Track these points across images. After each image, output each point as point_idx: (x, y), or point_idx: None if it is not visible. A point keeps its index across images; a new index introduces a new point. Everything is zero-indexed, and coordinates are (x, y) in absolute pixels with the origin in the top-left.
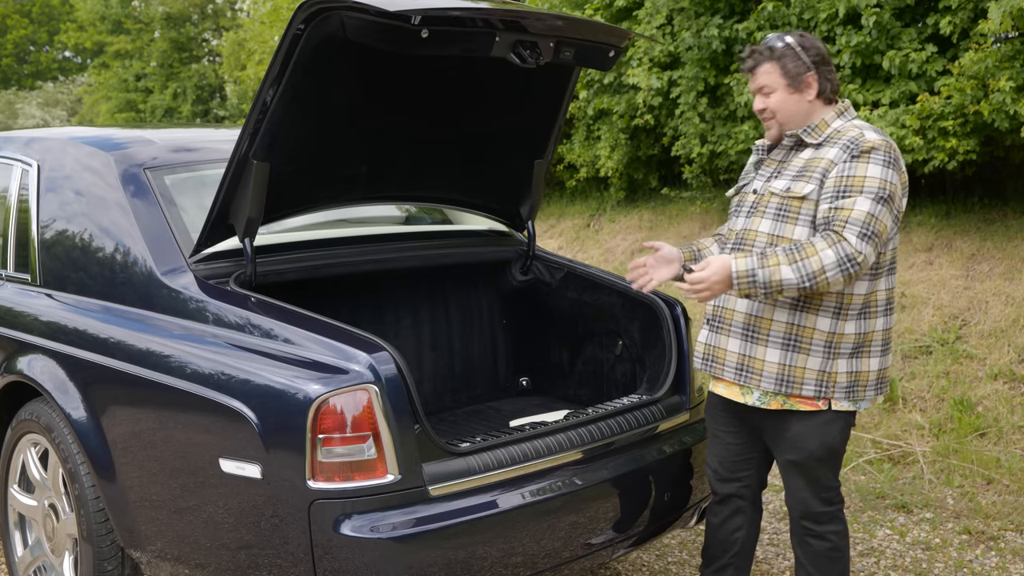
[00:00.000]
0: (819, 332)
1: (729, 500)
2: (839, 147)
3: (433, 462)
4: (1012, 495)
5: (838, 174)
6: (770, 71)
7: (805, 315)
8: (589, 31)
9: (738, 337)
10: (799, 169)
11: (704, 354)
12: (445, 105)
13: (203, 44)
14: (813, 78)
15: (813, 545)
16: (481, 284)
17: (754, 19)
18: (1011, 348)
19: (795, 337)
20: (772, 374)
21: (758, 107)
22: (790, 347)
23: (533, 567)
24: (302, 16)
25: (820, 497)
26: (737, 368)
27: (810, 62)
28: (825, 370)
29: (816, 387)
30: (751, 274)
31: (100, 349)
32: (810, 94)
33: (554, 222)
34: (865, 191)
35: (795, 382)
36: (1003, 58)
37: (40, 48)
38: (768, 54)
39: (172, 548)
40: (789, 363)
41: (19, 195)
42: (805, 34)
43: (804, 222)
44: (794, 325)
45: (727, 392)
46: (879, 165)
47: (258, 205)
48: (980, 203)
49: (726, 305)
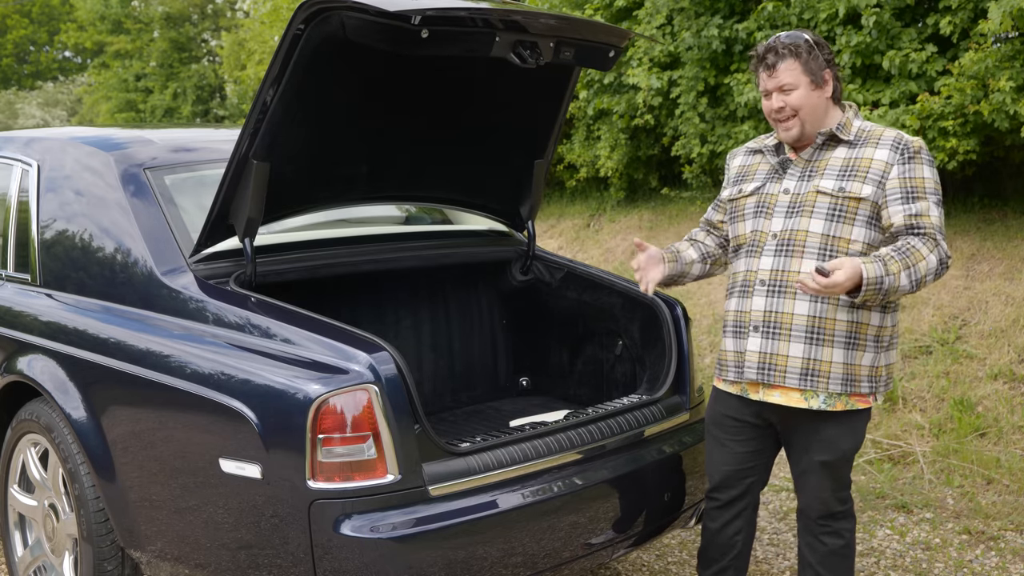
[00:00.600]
0: (872, 327)
1: (732, 504)
2: (887, 148)
3: (433, 462)
4: (1012, 495)
5: (900, 175)
6: (792, 68)
7: (861, 312)
8: (589, 31)
9: (801, 341)
10: (842, 168)
11: (760, 363)
12: (445, 105)
13: (203, 44)
14: (831, 76)
15: (827, 543)
16: (481, 284)
17: (754, 19)
18: (1011, 348)
19: (855, 335)
20: (839, 375)
21: (777, 106)
22: (851, 345)
23: (533, 567)
24: (302, 16)
25: (839, 496)
26: (802, 373)
27: (825, 61)
28: (875, 365)
29: (870, 383)
30: (879, 281)
31: (100, 349)
32: (828, 91)
33: (554, 222)
34: (929, 194)
35: (856, 380)
36: (1003, 58)
37: (40, 48)
38: (791, 51)
39: (172, 548)
40: (851, 362)
41: (19, 195)
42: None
43: (861, 222)
44: (854, 323)
45: (784, 399)
46: (928, 166)
47: (258, 205)
48: (980, 203)
49: (781, 310)
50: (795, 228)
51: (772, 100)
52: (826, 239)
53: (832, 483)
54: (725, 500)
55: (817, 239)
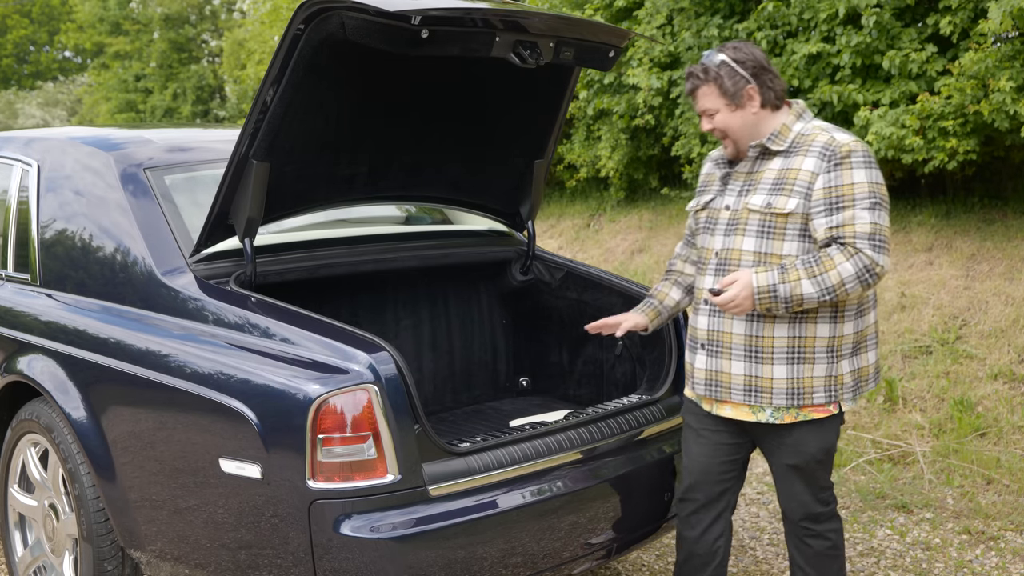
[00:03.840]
0: (820, 339)
1: (711, 506)
2: (815, 155)
3: (433, 462)
4: (1012, 495)
5: (824, 185)
6: (708, 93)
7: (804, 325)
8: (589, 31)
9: (741, 359)
10: (774, 181)
11: (706, 380)
12: (445, 105)
13: (203, 45)
14: (754, 90)
15: (813, 545)
16: (481, 284)
17: (754, 19)
18: (1011, 348)
19: (799, 349)
20: (782, 390)
21: (706, 128)
22: (795, 360)
23: (533, 567)
24: (302, 16)
25: (818, 498)
26: (745, 389)
27: (748, 74)
28: (832, 375)
29: (826, 393)
30: (772, 289)
31: (100, 349)
32: (754, 106)
33: (554, 222)
34: (858, 201)
35: (805, 393)
36: (1003, 58)
37: (40, 48)
38: (703, 76)
39: (172, 548)
40: (797, 376)
41: (19, 195)
42: (740, 45)
43: (792, 237)
44: (795, 338)
45: (735, 413)
46: (862, 168)
47: (258, 205)
48: (980, 203)
49: (722, 328)
50: (731, 247)
51: (703, 123)
52: (759, 256)
53: (806, 486)
54: (704, 501)
55: (751, 257)
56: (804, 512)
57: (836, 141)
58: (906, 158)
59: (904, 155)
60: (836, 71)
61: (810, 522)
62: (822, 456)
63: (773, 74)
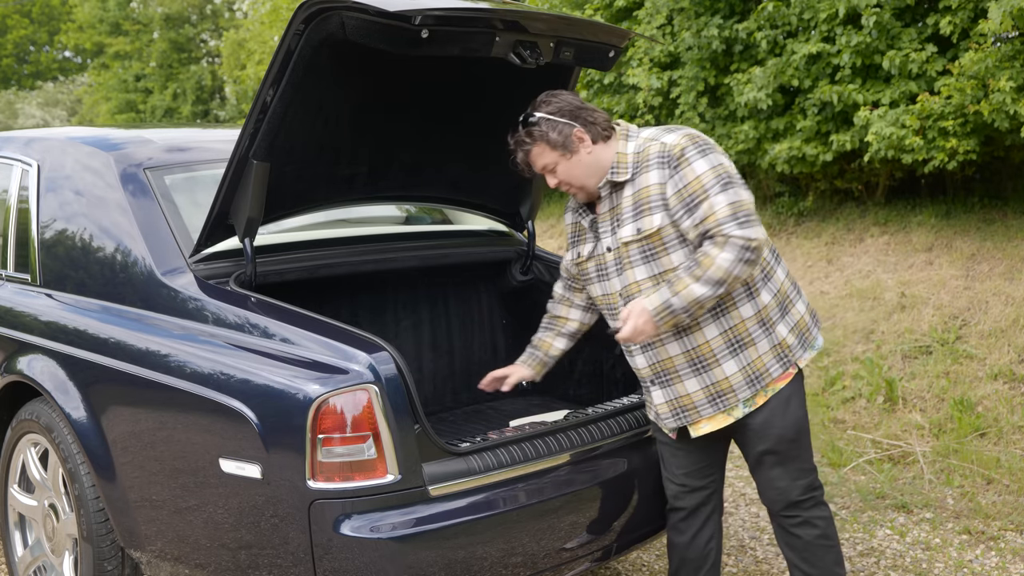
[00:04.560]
0: (748, 320)
1: (699, 510)
2: (655, 166)
3: (433, 462)
4: (1012, 495)
5: (674, 190)
6: (541, 152)
7: (728, 315)
8: (589, 31)
9: (691, 376)
10: (633, 207)
11: (672, 411)
12: (445, 105)
13: (202, 45)
14: (582, 129)
15: (801, 535)
16: (481, 284)
17: (754, 19)
18: (1011, 348)
19: (736, 339)
20: (741, 382)
21: (553, 185)
22: (738, 349)
23: (533, 567)
24: (302, 16)
25: (799, 484)
26: (710, 400)
27: (569, 120)
28: (775, 343)
29: (779, 363)
30: (667, 305)
31: (100, 349)
32: (587, 147)
33: (554, 222)
34: (709, 189)
35: (762, 373)
36: (1003, 58)
37: (40, 48)
38: (529, 140)
39: (172, 548)
40: (748, 362)
41: (19, 195)
42: (551, 97)
43: (674, 248)
44: (727, 330)
45: (712, 425)
46: (699, 159)
47: (258, 205)
48: (980, 203)
49: (660, 358)
50: (629, 282)
51: (548, 180)
52: (655, 279)
53: (783, 470)
54: (691, 507)
55: (649, 283)
56: (785, 500)
57: (667, 145)
58: (906, 158)
59: (904, 155)
60: (836, 71)
61: (794, 509)
62: (792, 433)
63: (590, 110)
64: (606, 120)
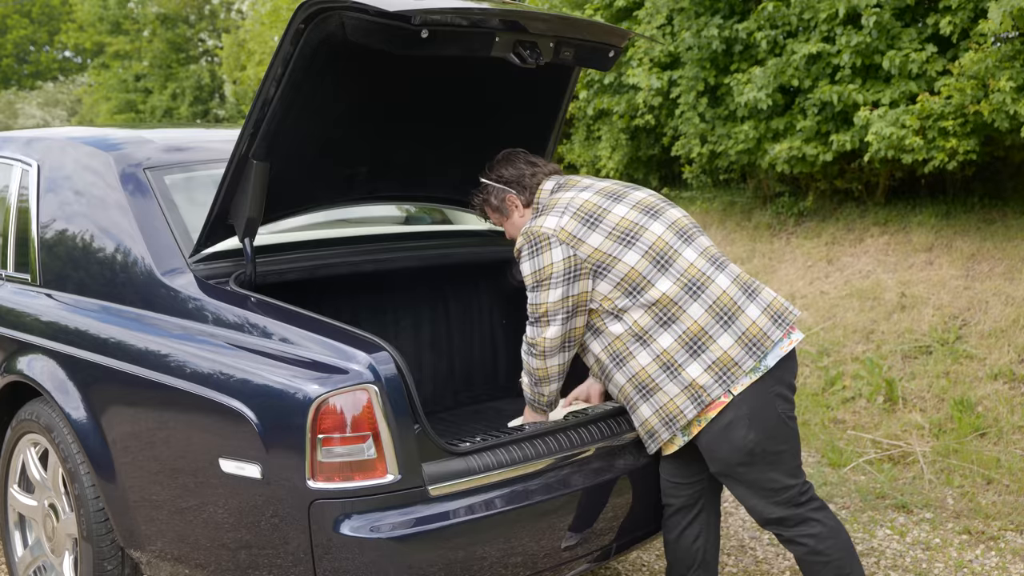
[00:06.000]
0: (648, 367)
1: (686, 509)
2: None
3: (433, 462)
4: (1012, 495)
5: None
6: (489, 212)
7: (627, 366)
8: (589, 31)
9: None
10: None
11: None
12: (445, 105)
13: (199, 44)
14: (513, 196)
15: (792, 551)
16: (481, 284)
17: (754, 19)
18: (1011, 348)
19: (641, 386)
20: (657, 424)
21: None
22: (647, 394)
23: (533, 567)
24: (302, 16)
25: (771, 502)
26: (647, 434)
27: (502, 186)
28: (685, 385)
29: (693, 402)
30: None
31: (100, 349)
32: (520, 212)
33: None
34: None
35: (675, 415)
36: (1003, 58)
37: (40, 48)
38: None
39: (172, 548)
40: (661, 403)
41: (19, 195)
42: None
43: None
44: (631, 378)
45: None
46: (525, 262)
47: (258, 205)
48: (980, 203)
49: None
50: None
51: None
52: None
53: (746, 490)
54: (678, 505)
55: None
56: (761, 518)
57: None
58: (906, 158)
59: (904, 155)
60: (836, 71)
61: (774, 527)
62: (741, 457)
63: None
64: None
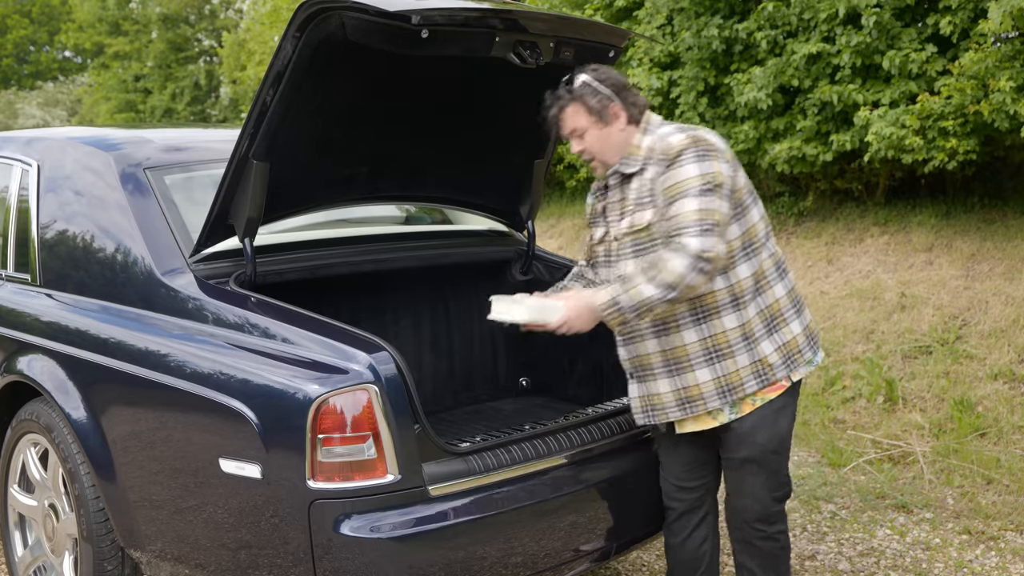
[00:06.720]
0: (731, 331)
1: (692, 512)
2: (655, 164)
3: (433, 462)
4: (1012, 495)
5: (662, 187)
6: (576, 112)
7: (711, 323)
8: (589, 31)
9: (664, 376)
10: (635, 201)
11: (642, 408)
12: (445, 105)
13: (196, 44)
14: (619, 108)
15: (763, 548)
16: (481, 284)
17: (754, 19)
18: (1011, 348)
19: (713, 349)
20: (713, 391)
21: (576, 150)
22: (715, 359)
23: (533, 567)
24: (302, 16)
25: (774, 496)
26: (678, 404)
27: (610, 92)
28: (756, 359)
29: (757, 379)
30: (614, 302)
31: (100, 349)
32: (620, 123)
33: (554, 222)
34: (687, 192)
35: (735, 387)
36: (1003, 58)
37: (40, 48)
38: (568, 96)
39: (172, 548)
40: (722, 373)
41: (19, 195)
42: (599, 67)
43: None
44: (706, 338)
45: (697, 425)
46: (692, 163)
47: (258, 205)
48: (980, 203)
49: (639, 352)
50: (619, 274)
51: (572, 144)
52: None
53: (763, 480)
54: (682, 508)
55: None
56: (760, 511)
57: (670, 144)
58: (906, 158)
59: (904, 155)
60: (836, 71)
61: (763, 523)
62: (776, 445)
63: (633, 92)
64: (642, 110)
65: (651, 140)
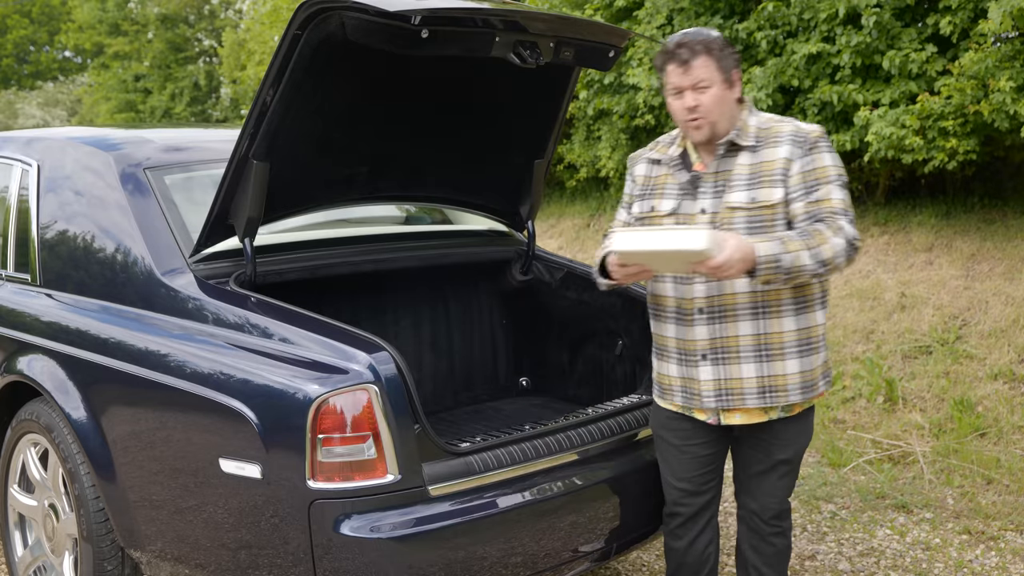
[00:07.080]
0: (819, 327)
1: (697, 516)
2: (787, 143)
3: (433, 462)
4: (1012, 495)
5: (801, 170)
6: (707, 64)
7: (808, 315)
8: (589, 31)
9: (752, 360)
10: (749, 176)
11: (716, 391)
12: (445, 105)
13: (195, 44)
14: (738, 76)
15: (775, 544)
16: (481, 284)
17: (754, 19)
18: (1011, 348)
19: (807, 341)
20: (796, 385)
21: (691, 103)
22: (805, 352)
23: (533, 567)
24: (302, 16)
25: (788, 495)
26: (760, 392)
27: (734, 60)
28: (824, 361)
29: (825, 379)
30: (776, 259)
31: (100, 349)
32: (736, 92)
33: (554, 222)
34: (832, 180)
35: (812, 384)
36: (1003, 58)
37: (40, 48)
38: (706, 47)
39: (172, 548)
40: (807, 368)
41: (19, 195)
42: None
43: (780, 227)
44: (802, 329)
45: (746, 418)
46: (828, 153)
47: (258, 205)
48: (980, 203)
49: (726, 334)
50: None
51: (685, 98)
52: None
53: (789, 480)
54: (690, 513)
55: None
56: (779, 508)
57: (804, 129)
58: (906, 158)
59: (904, 155)
60: (836, 71)
61: (778, 519)
62: (806, 445)
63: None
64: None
65: (757, 121)
